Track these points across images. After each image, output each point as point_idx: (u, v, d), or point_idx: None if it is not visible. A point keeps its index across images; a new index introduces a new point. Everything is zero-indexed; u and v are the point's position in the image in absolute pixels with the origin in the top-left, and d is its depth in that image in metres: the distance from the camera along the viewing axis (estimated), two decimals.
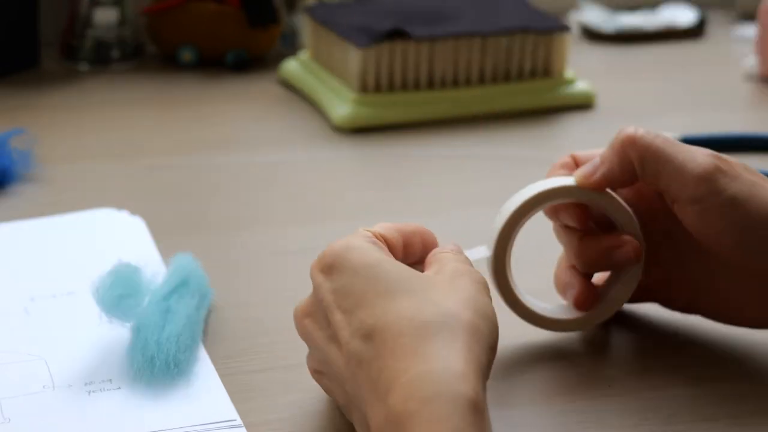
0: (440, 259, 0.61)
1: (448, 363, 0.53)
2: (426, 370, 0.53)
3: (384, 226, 0.63)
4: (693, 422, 0.63)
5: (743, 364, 0.68)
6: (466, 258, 0.62)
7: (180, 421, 0.61)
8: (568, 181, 0.67)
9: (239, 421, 0.61)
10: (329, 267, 0.59)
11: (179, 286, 0.68)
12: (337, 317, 0.57)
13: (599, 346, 0.70)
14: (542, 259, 0.73)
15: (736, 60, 1.20)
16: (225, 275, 0.76)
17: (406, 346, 0.54)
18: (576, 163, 0.69)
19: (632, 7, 1.34)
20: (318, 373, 0.61)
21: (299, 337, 0.61)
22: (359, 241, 0.60)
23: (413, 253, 0.63)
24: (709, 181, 0.63)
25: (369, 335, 0.55)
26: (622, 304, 0.69)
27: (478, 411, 0.52)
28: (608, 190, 0.66)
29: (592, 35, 1.28)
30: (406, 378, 0.53)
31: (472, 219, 0.86)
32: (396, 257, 0.61)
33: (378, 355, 0.55)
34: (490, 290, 0.60)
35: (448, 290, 0.58)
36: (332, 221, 0.86)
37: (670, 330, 0.71)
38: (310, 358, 0.62)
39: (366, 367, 0.55)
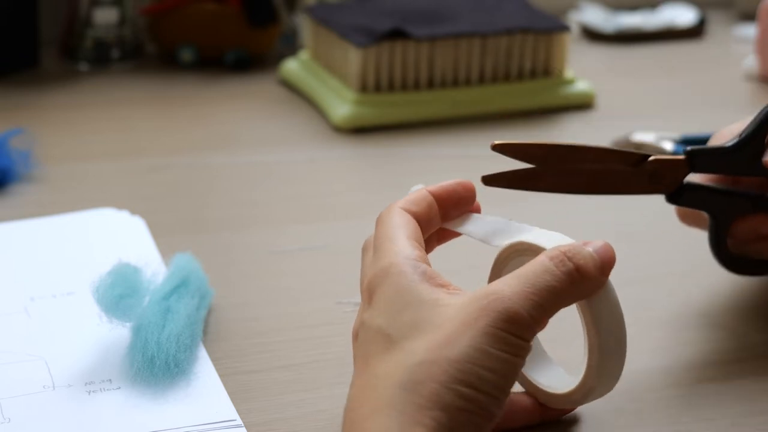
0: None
1: None
2: None
3: (416, 201, 0.61)
4: (693, 422, 0.63)
5: (743, 364, 0.68)
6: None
7: (180, 421, 0.61)
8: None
9: (239, 421, 0.61)
10: (369, 295, 0.57)
11: (179, 286, 0.68)
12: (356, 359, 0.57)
13: None
14: None
15: (736, 60, 1.20)
16: (225, 275, 0.76)
17: (357, 422, 0.53)
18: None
19: (632, 7, 1.35)
20: None
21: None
22: (396, 269, 0.57)
23: (448, 215, 0.62)
24: None
25: (364, 390, 0.55)
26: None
27: None
28: None
29: (592, 35, 1.28)
30: None
31: None
32: (425, 233, 0.60)
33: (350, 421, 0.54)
34: None
35: (439, 346, 0.53)
36: (332, 221, 0.85)
37: (669, 330, 0.71)
38: None
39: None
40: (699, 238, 0.84)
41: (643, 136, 0.98)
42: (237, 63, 1.15)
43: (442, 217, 0.62)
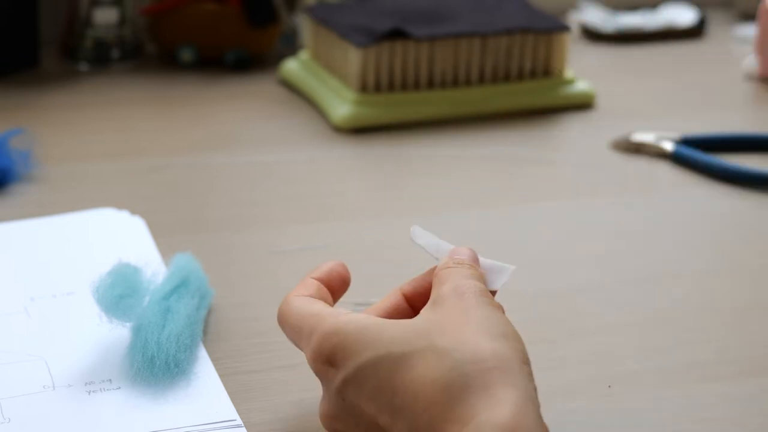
0: (439, 279, 0.58)
1: (489, 417, 0.50)
2: None
3: (310, 286, 0.62)
4: (693, 422, 0.63)
5: (743, 364, 0.68)
6: (469, 266, 0.59)
7: (180, 421, 0.61)
8: None
9: (239, 421, 0.61)
10: (332, 357, 0.56)
11: (179, 286, 0.68)
12: (367, 410, 0.55)
13: (599, 346, 0.70)
14: None
15: (736, 60, 1.20)
16: (225, 275, 0.76)
17: (440, 414, 0.51)
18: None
19: (632, 7, 1.35)
20: None
21: None
22: (343, 319, 0.57)
23: (336, 289, 0.63)
24: None
25: (398, 413, 0.53)
26: None
27: None
28: None
29: (592, 35, 1.28)
30: None
31: (472, 219, 0.86)
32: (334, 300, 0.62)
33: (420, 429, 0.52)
34: None
35: (456, 326, 0.54)
36: (332, 221, 0.85)
37: (669, 330, 0.71)
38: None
39: None
40: (700, 239, 0.84)
41: (643, 136, 0.98)
42: (237, 63, 1.15)
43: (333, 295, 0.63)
